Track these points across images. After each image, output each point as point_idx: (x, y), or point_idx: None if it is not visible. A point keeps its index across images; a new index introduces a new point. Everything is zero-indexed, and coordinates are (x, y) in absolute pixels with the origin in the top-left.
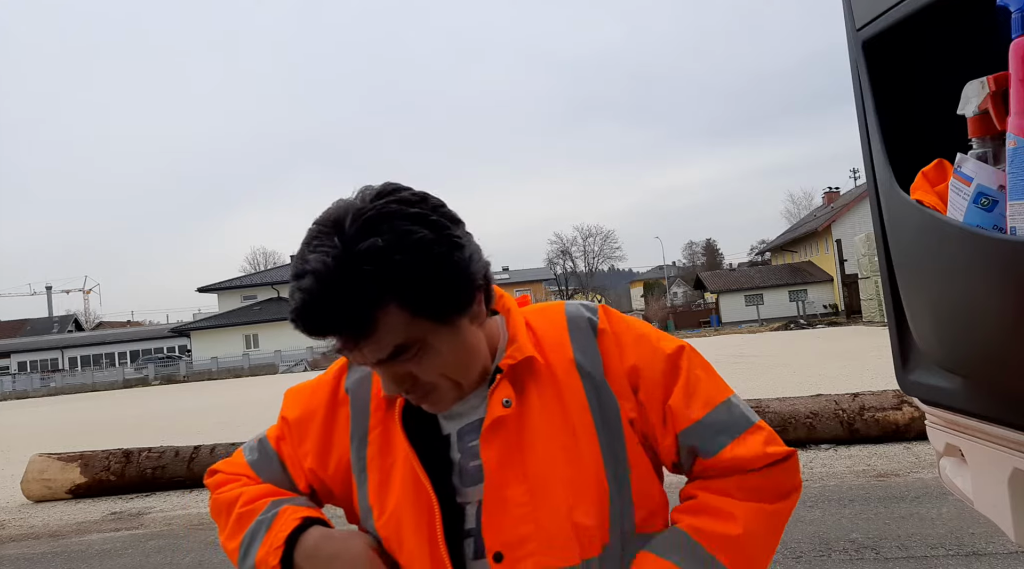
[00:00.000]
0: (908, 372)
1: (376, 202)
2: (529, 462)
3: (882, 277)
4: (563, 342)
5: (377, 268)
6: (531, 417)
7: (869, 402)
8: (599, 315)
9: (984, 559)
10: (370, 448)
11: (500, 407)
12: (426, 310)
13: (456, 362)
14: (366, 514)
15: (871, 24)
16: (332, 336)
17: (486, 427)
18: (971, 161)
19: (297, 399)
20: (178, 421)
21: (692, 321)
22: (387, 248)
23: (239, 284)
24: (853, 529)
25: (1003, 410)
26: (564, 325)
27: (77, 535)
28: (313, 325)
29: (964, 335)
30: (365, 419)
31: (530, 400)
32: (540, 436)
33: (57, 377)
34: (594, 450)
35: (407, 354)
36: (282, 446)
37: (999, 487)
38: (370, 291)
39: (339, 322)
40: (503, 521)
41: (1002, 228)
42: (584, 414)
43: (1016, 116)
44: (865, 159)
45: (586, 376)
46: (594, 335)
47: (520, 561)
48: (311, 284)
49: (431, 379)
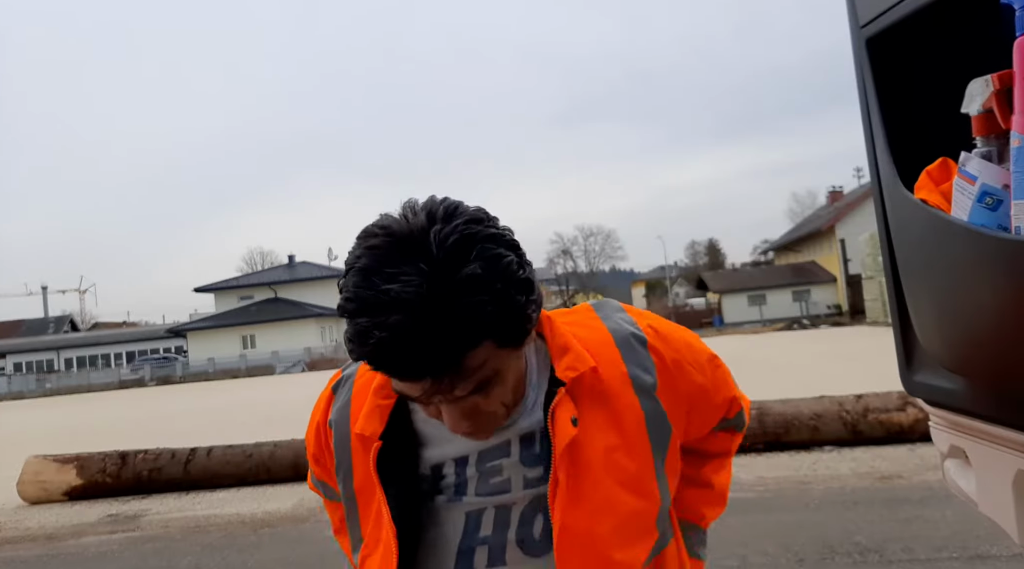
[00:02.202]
0: (912, 373)
1: (454, 222)
2: (585, 486)
3: (886, 277)
4: (613, 355)
5: (476, 304)
6: (593, 437)
7: (873, 403)
8: (640, 326)
9: (989, 562)
10: (356, 481)
11: (569, 426)
12: (511, 340)
13: (515, 387)
14: (356, 543)
15: (875, 22)
16: (422, 379)
17: (561, 451)
18: (975, 160)
19: (308, 440)
20: (174, 422)
21: (694, 321)
22: (486, 277)
23: (236, 284)
24: (857, 532)
25: (1008, 411)
26: (608, 334)
27: (73, 537)
28: (404, 367)
29: (969, 335)
30: (347, 452)
31: (592, 418)
32: (600, 456)
33: (53, 378)
34: (649, 471)
35: (487, 388)
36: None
37: (1004, 489)
38: (472, 327)
39: (436, 362)
40: (573, 546)
41: (1007, 227)
42: (641, 433)
43: (1020, 114)
44: (869, 158)
45: (641, 392)
46: (645, 348)
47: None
48: (402, 320)
49: (494, 409)
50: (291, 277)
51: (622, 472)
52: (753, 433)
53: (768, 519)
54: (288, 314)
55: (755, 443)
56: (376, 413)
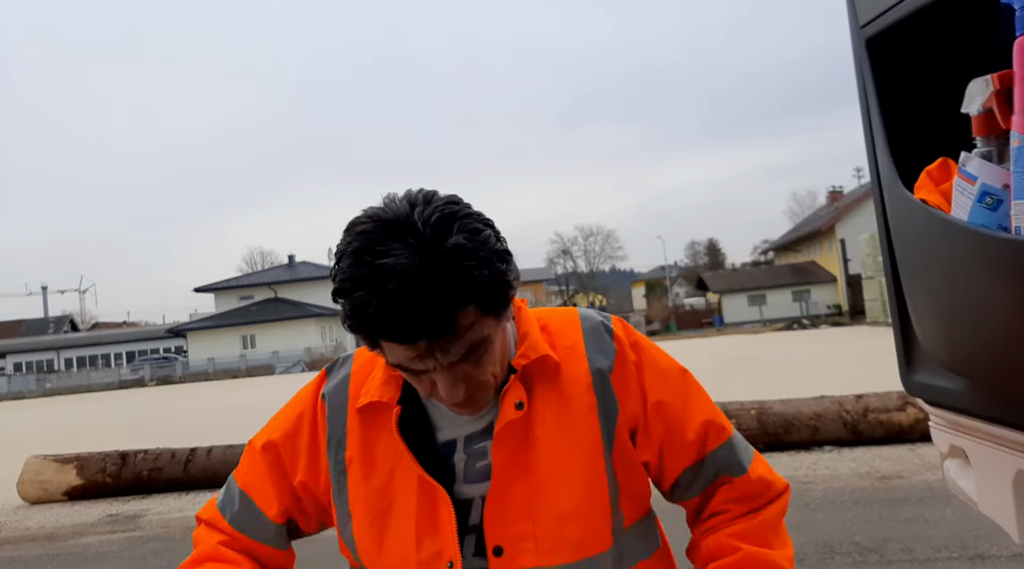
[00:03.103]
0: (912, 373)
1: (434, 204)
2: (534, 463)
3: (886, 277)
4: (577, 344)
5: (463, 268)
6: (541, 419)
7: (873, 403)
8: (612, 319)
9: (989, 562)
10: (348, 451)
11: (512, 410)
12: (493, 307)
13: (502, 357)
14: (346, 519)
15: (875, 21)
16: (419, 340)
17: (498, 431)
18: (975, 160)
19: (280, 421)
20: (174, 422)
21: (694, 321)
22: (470, 246)
23: (236, 284)
24: (857, 532)
25: (1008, 411)
26: (578, 326)
27: (73, 537)
28: (403, 330)
29: (968, 335)
30: (342, 423)
31: (541, 402)
32: (547, 438)
33: (53, 378)
34: (597, 452)
35: (476, 353)
36: (255, 476)
37: (1004, 489)
38: (457, 291)
39: (430, 325)
40: (504, 517)
41: (1007, 227)
42: (592, 416)
43: (1020, 114)
44: (869, 158)
45: (596, 375)
46: (609, 337)
47: (517, 557)
48: (398, 288)
49: (485, 378)
50: (291, 277)
51: (566, 456)
52: (753, 433)
53: None
54: (288, 314)
55: (755, 443)
56: (392, 383)
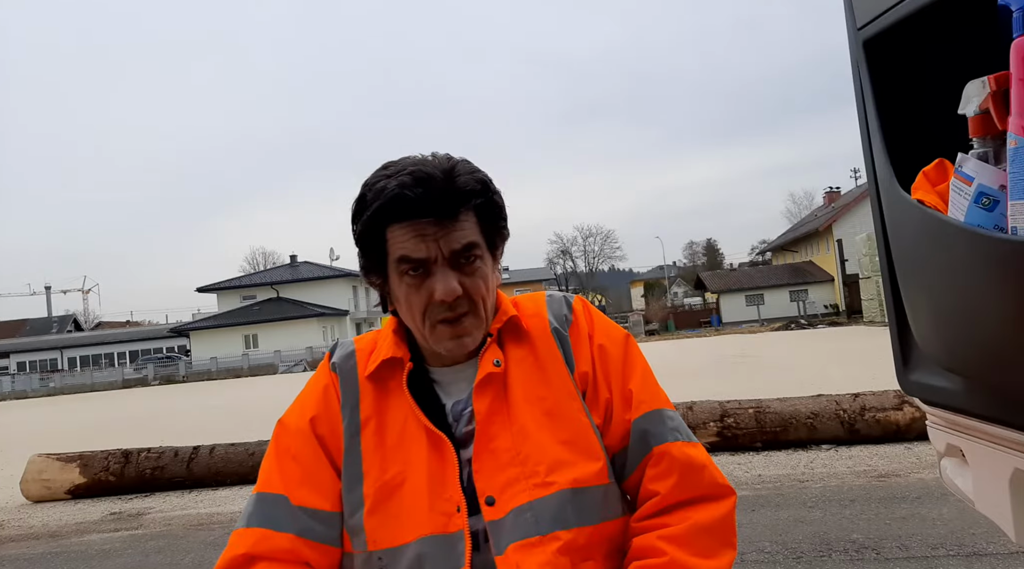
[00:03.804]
0: (909, 372)
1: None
2: (514, 413)
3: (883, 277)
4: (541, 311)
5: (472, 181)
6: (516, 373)
7: (870, 402)
8: (574, 297)
9: (985, 559)
10: (363, 413)
11: (491, 366)
12: (488, 231)
13: (490, 290)
14: (355, 480)
15: (872, 23)
16: (428, 216)
17: (478, 383)
18: (972, 161)
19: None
20: (177, 421)
21: (693, 321)
22: (483, 176)
23: (238, 284)
24: (854, 529)
25: (1004, 410)
26: (543, 298)
27: (76, 535)
28: (416, 204)
29: (965, 335)
30: (355, 389)
31: (515, 359)
32: (523, 389)
33: (56, 377)
34: (574, 398)
35: (471, 259)
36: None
37: (1000, 487)
38: (464, 193)
39: (438, 204)
40: (493, 467)
41: (1003, 228)
42: (561, 367)
43: (1017, 116)
44: (866, 158)
45: (555, 332)
46: (567, 305)
47: (509, 501)
48: (418, 170)
49: (476, 295)
50: (293, 277)
51: (546, 402)
52: (751, 431)
53: (765, 517)
54: (290, 314)
55: (753, 441)
56: (401, 343)
